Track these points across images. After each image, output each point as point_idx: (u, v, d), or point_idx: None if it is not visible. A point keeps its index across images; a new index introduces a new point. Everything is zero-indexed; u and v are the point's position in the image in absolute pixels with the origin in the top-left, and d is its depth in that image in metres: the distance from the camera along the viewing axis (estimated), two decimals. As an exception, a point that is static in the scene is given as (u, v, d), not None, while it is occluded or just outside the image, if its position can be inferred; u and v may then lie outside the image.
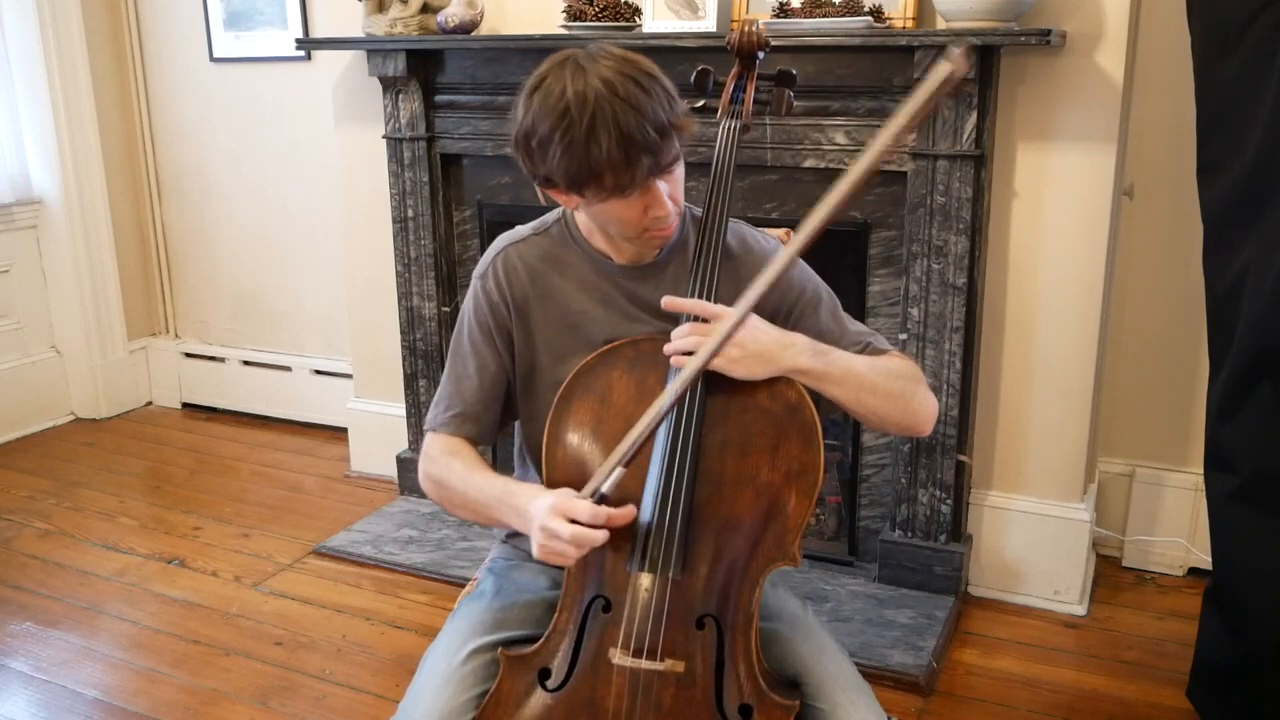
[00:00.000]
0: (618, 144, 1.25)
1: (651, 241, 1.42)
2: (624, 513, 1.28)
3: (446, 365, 1.55)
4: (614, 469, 1.28)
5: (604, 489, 1.28)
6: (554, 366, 1.47)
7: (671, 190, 1.36)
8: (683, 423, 1.32)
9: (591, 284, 1.48)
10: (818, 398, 1.37)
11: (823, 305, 1.49)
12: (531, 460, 1.54)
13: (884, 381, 1.40)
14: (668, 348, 1.33)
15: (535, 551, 1.28)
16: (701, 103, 1.54)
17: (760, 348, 1.32)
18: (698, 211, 1.49)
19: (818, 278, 1.51)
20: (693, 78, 1.53)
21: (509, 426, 1.60)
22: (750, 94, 1.50)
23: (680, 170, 1.38)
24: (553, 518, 1.26)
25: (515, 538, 1.62)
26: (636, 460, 1.29)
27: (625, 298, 1.47)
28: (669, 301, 1.37)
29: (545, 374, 1.49)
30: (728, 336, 1.28)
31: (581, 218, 1.50)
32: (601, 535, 1.25)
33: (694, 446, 1.31)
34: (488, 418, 1.52)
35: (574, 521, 1.25)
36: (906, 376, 1.42)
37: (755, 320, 1.33)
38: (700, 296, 1.39)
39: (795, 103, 1.56)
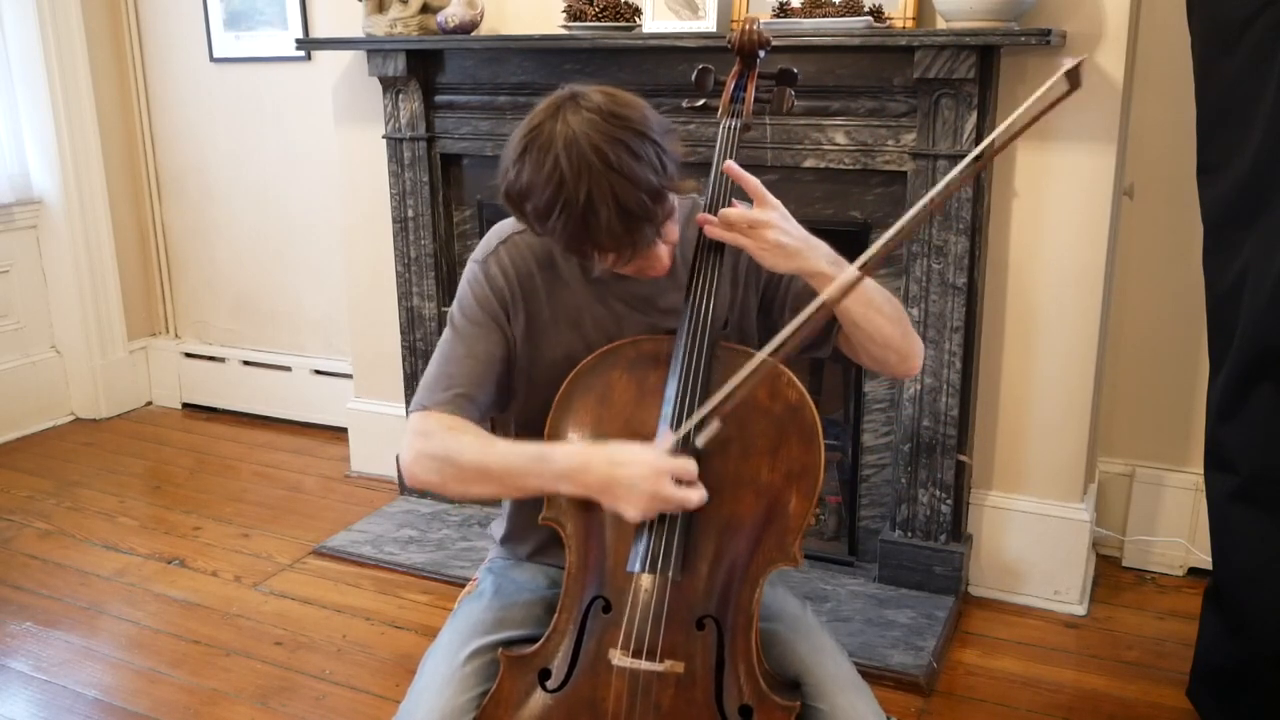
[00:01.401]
0: (617, 218, 1.25)
1: (645, 276, 1.42)
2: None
3: (440, 347, 1.49)
4: (709, 418, 1.29)
5: (700, 445, 1.29)
6: (556, 360, 1.46)
7: (665, 235, 1.35)
8: (683, 423, 1.32)
9: (592, 280, 1.48)
10: (822, 341, 1.43)
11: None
12: None
13: (889, 304, 1.43)
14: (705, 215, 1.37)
15: (636, 517, 1.28)
16: (702, 101, 1.54)
17: (790, 240, 1.34)
18: (697, 202, 1.49)
19: None
20: (693, 76, 1.52)
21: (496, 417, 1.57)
22: (751, 93, 1.49)
23: (674, 214, 1.37)
24: (665, 484, 1.26)
25: (511, 542, 1.62)
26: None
27: (622, 294, 1.47)
28: (729, 166, 1.39)
29: (547, 367, 1.48)
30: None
31: None
32: (706, 495, 1.29)
33: (694, 448, 1.31)
34: (485, 401, 1.47)
35: (679, 481, 1.27)
36: (899, 306, 1.47)
37: (788, 217, 1.36)
38: (702, 296, 1.38)
39: (796, 102, 1.56)
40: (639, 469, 1.27)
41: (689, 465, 1.27)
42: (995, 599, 2.68)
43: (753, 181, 1.36)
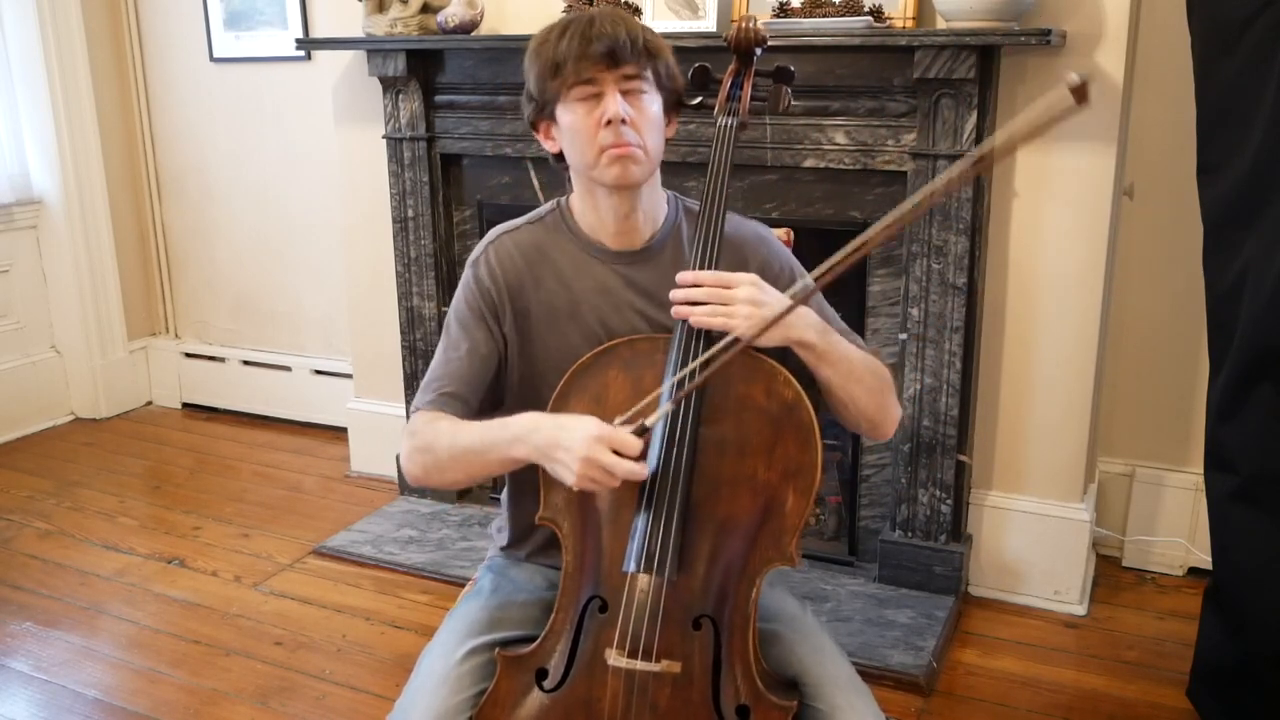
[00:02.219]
0: (581, 35, 1.36)
1: (611, 167, 1.40)
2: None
3: (435, 354, 1.52)
4: (663, 405, 1.28)
5: (649, 423, 1.27)
6: (551, 353, 1.47)
7: (636, 117, 1.38)
8: (679, 422, 1.31)
9: (587, 270, 1.48)
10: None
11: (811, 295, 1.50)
12: None
13: (869, 377, 1.43)
14: (675, 294, 1.35)
15: (571, 482, 1.25)
16: (699, 100, 1.53)
17: (769, 305, 1.32)
18: (693, 205, 1.49)
19: (803, 269, 1.52)
20: (689, 74, 1.52)
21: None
22: (747, 91, 1.49)
23: (649, 104, 1.40)
24: (600, 449, 1.23)
25: (511, 548, 1.62)
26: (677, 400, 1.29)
27: (621, 283, 1.48)
28: (684, 276, 1.37)
29: (542, 360, 1.48)
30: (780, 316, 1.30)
31: (575, 202, 1.51)
32: (645, 471, 1.26)
33: (690, 446, 1.31)
34: (475, 400, 1.49)
35: (617, 454, 1.24)
36: (884, 379, 1.47)
37: (769, 287, 1.35)
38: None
39: (795, 102, 1.55)
40: (579, 433, 1.26)
41: (630, 439, 1.25)
42: (995, 599, 2.68)
43: (713, 276, 1.36)
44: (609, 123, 1.37)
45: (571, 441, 1.26)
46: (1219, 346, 2.04)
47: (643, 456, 1.26)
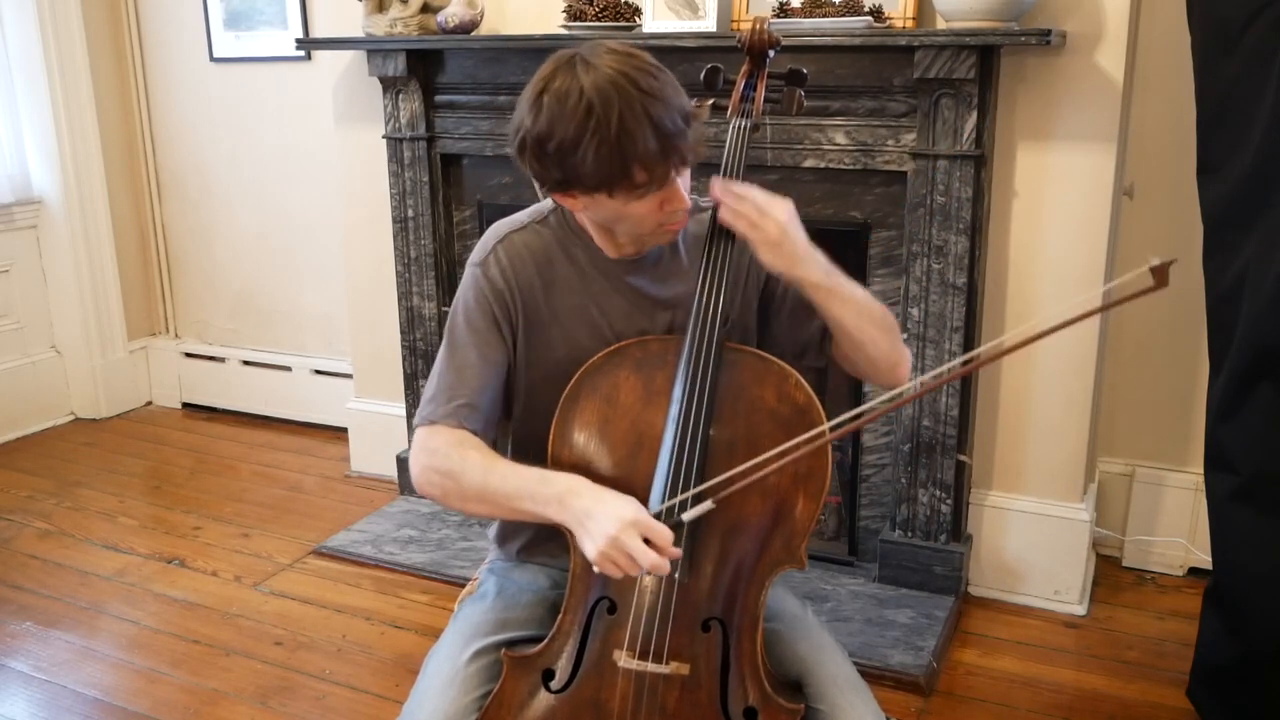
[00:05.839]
0: (654, 137, 1.25)
1: (664, 237, 1.42)
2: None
3: (440, 357, 1.48)
4: (704, 500, 1.26)
5: (685, 519, 1.26)
6: (559, 359, 1.45)
7: (683, 172, 1.37)
8: (690, 425, 1.31)
9: (592, 275, 1.47)
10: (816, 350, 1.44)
11: None
12: (534, 458, 1.52)
13: (880, 313, 1.44)
14: (716, 187, 1.35)
15: (593, 556, 1.25)
16: (711, 100, 1.53)
17: (792, 244, 1.33)
18: (703, 202, 1.49)
19: None
20: (703, 75, 1.52)
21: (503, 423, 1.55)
22: (761, 93, 1.49)
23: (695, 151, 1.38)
24: (631, 534, 1.23)
25: (508, 541, 1.61)
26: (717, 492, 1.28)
27: (625, 290, 1.47)
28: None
29: (549, 366, 1.46)
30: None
31: (581, 219, 1.49)
32: (668, 568, 1.24)
33: (701, 449, 1.31)
34: (491, 409, 1.46)
35: (647, 542, 1.23)
36: (890, 318, 1.47)
37: (797, 223, 1.35)
38: (711, 283, 1.38)
39: (805, 103, 1.56)
40: (616, 512, 1.25)
41: (665, 533, 1.24)
42: (995, 599, 2.68)
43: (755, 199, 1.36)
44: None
45: (605, 516, 1.25)
46: (1219, 346, 2.04)
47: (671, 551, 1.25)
